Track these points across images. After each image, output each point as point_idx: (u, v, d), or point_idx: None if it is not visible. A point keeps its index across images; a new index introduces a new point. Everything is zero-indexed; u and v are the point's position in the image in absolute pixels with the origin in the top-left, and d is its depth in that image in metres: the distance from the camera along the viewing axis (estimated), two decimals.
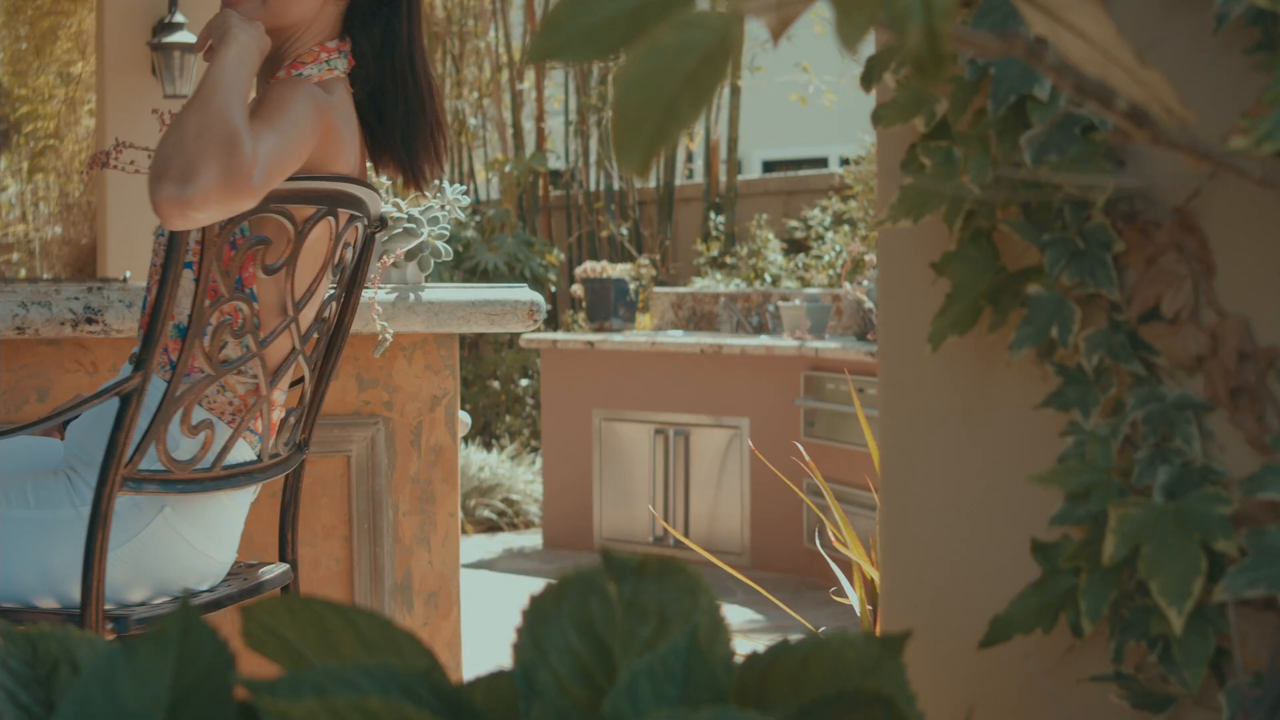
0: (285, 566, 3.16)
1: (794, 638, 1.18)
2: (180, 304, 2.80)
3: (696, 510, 8.88)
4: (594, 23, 0.97)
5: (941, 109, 1.78)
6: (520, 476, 10.50)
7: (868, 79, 1.87)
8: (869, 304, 8.24)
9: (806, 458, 4.18)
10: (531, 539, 9.76)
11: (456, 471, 4.04)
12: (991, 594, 1.92)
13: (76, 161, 11.65)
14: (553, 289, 12.72)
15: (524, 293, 3.82)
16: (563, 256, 12.89)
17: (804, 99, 13.63)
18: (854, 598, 3.06)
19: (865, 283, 8.39)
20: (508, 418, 12.10)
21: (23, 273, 15.07)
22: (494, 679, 1.17)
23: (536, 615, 1.17)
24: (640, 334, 9.41)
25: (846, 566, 5.80)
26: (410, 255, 3.83)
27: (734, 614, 7.69)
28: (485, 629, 6.39)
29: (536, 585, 8.30)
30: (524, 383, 12.26)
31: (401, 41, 3.03)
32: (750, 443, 8.65)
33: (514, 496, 10.33)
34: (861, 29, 0.87)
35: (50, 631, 1.16)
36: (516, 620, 1.16)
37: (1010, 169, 1.67)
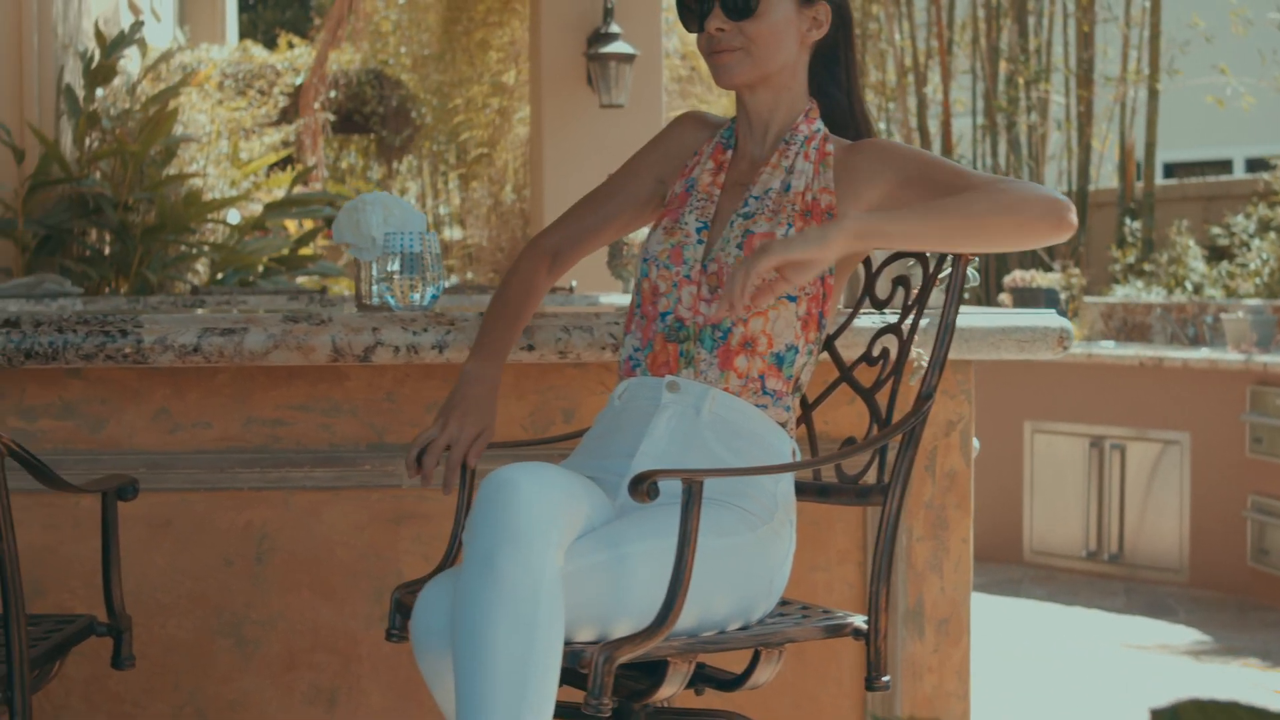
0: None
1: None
2: (782, 335, 2.94)
3: (1131, 526, 8.69)
4: None
5: None
6: None
7: None
8: None
9: None
10: None
11: (969, 497, 4.01)
12: None
13: (509, 170, 11.94)
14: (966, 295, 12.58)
15: (1053, 319, 3.76)
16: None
17: (1221, 101, 13.22)
18: None
19: None
20: None
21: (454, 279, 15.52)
22: None
23: None
24: (1073, 345, 9.25)
25: None
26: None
27: (1178, 634, 7.51)
28: None
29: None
30: None
31: (845, 91, 3.16)
32: (1190, 458, 8.44)
33: None
34: None
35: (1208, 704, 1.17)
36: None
37: None
